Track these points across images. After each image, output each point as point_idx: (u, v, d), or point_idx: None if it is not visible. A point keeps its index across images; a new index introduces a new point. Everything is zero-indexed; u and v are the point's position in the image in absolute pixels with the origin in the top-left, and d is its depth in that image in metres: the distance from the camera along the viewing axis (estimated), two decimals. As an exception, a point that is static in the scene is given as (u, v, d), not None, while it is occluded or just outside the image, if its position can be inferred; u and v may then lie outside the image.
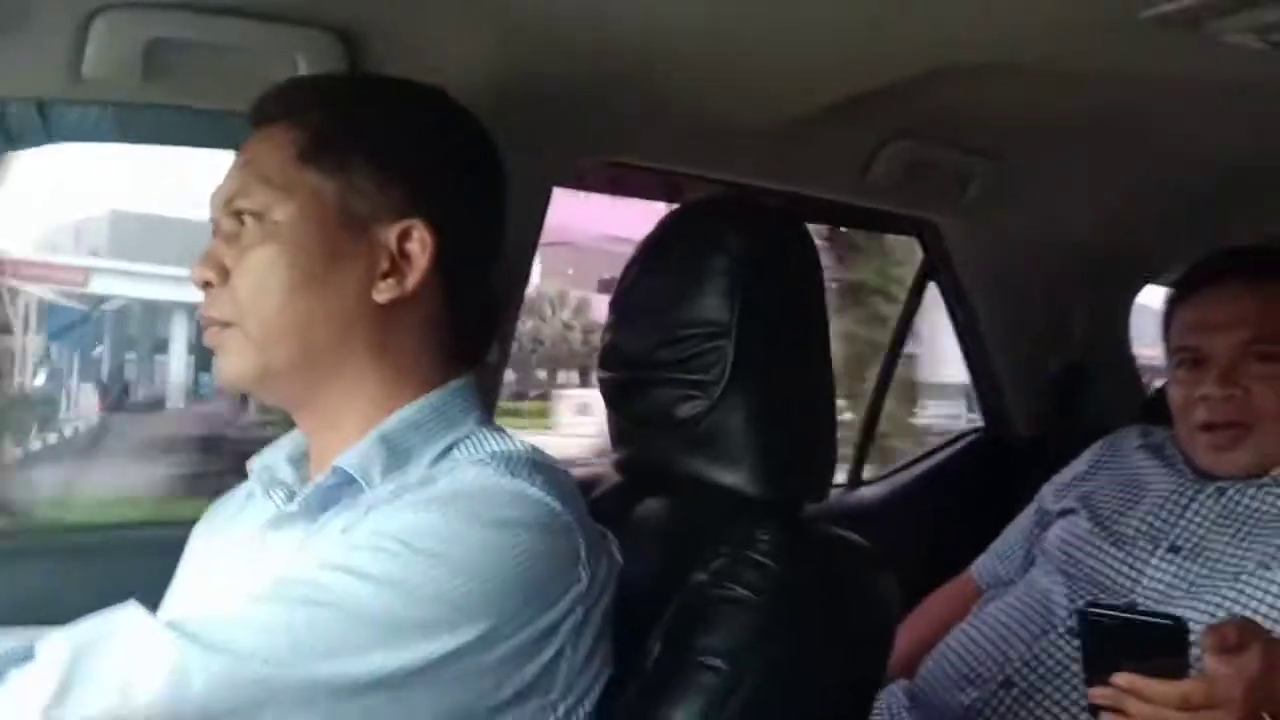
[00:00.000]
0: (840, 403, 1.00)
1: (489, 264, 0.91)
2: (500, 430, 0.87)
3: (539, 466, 0.81)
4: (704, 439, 0.94)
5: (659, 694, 0.81)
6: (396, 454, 0.83)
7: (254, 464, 0.93)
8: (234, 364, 0.84)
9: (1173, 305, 1.41)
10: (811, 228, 1.27)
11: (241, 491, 0.97)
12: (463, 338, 0.89)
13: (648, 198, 1.67)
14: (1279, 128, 1.40)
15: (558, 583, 0.76)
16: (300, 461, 0.92)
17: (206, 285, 0.84)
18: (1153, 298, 1.89)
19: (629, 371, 1.01)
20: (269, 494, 0.89)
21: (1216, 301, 1.33)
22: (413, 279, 0.84)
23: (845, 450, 1.81)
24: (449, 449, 0.84)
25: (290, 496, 0.88)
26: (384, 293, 0.83)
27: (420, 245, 0.84)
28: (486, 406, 0.91)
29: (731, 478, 0.92)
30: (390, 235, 0.84)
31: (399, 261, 0.84)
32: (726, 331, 0.92)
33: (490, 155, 0.91)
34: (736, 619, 0.83)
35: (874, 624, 0.92)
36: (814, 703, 0.84)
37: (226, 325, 0.83)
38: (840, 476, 1.91)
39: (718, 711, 0.80)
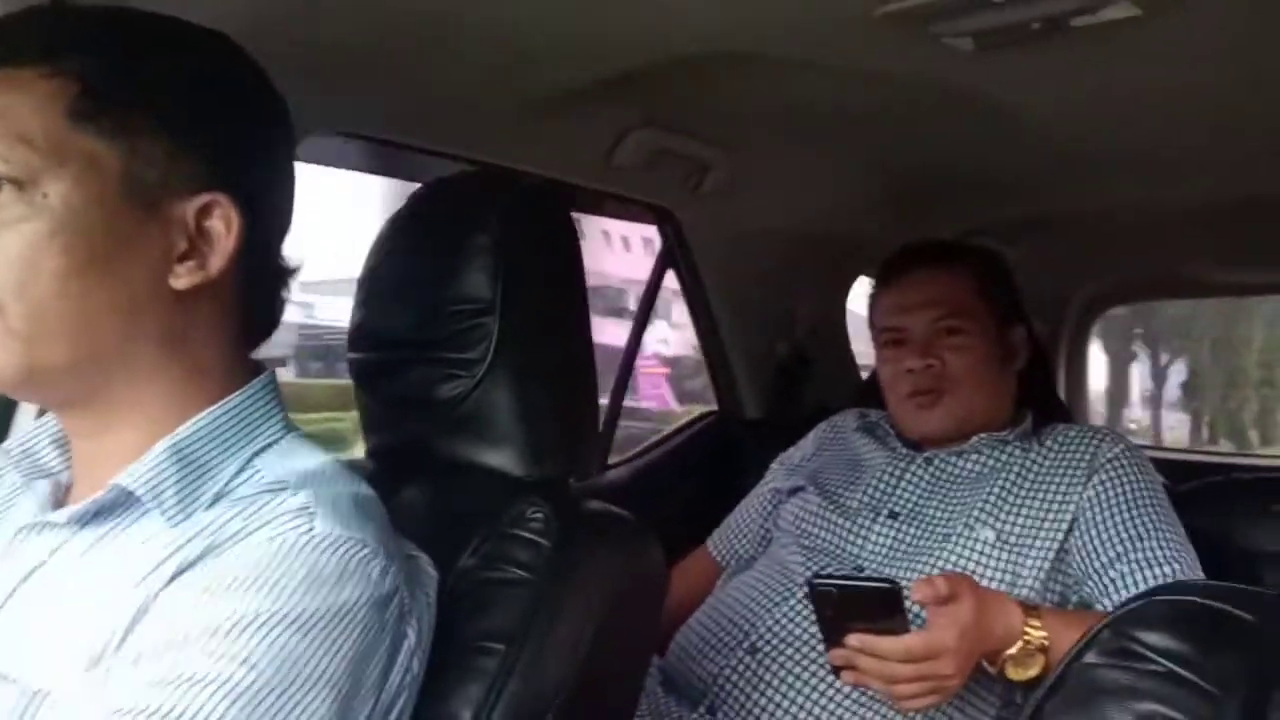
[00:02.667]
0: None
1: (283, 238, 0.80)
2: (303, 437, 0.78)
3: (358, 502, 0.72)
4: (467, 419, 0.90)
5: (436, 684, 0.77)
6: (191, 470, 0.71)
7: (12, 447, 0.79)
8: None
9: (876, 292, 1.56)
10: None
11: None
12: (256, 322, 0.79)
13: (386, 174, 1.61)
14: (979, 130, 1.56)
15: (390, 654, 0.70)
16: (67, 444, 0.78)
17: None
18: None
19: (382, 352, 0.96)
20: (30, 485, 0.78)
21: (910, 287, 1.50)
22: (216, 261, 0.72)
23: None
24: (250, 460, 0.74)
25: (55, 492, 0.77)
26: (183, 278, 0.71)
27: (224, 223, 0.72)
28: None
29: (497, 458, 0.90)
30: (188, 211, 0.71)
31: (197, 241, 0.72)
32: (490, 308, 0.89)
33: (284, 112, 0.78)
34: (512, 599, 0.81)
35: (646, 592, 0.93)
36: (591, 672, 0.84)
37: None
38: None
39: (495, 695, 0.78)
